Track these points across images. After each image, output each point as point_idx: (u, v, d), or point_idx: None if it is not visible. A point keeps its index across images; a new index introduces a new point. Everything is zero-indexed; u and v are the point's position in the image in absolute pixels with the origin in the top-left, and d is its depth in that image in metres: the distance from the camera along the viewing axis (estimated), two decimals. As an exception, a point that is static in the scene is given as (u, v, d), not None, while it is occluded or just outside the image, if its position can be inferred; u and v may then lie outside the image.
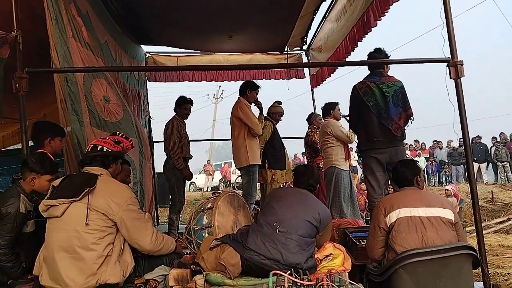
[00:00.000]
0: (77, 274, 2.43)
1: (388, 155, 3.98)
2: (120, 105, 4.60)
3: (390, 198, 2.90)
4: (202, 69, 7.96)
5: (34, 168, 2.89)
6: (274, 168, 5.41)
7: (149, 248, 2.70)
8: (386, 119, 3.99)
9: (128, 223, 2.57)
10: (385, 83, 4.06)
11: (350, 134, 5.25)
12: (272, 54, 7.72)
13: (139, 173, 4.89)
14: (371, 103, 4.02)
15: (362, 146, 4.22)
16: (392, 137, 4.01)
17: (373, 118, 4.02)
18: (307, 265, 2.68)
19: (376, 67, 4.17)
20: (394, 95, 4.02)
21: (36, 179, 2.90)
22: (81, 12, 4.14)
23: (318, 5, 5.73)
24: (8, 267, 2.73)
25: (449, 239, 2.67)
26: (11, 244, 2.76)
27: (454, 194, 8.76)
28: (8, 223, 2.74)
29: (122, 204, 2.55)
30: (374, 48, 4.20)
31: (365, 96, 4.05)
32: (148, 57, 7.53)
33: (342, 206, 5.26)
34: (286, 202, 2.98)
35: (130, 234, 2.60)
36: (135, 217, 2.62)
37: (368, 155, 4.13)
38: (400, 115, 4.03)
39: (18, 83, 3.16)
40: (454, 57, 3.41)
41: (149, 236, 2.67)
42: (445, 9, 3.43)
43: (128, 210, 2.57)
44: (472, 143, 13.91)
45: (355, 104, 4.22)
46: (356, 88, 4.15)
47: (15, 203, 2.79)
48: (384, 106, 4.00)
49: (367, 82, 4.11)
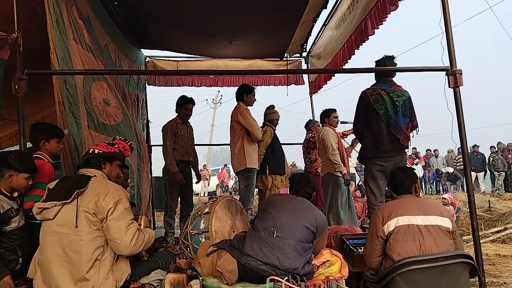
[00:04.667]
0: (68, 278, 2.41)
1: (393, 163, 3.95)
2: (120, 108, 4.60)
3: (388, 206, 2.88)
4: (201, 74, 7.97)
5: (13, 166, 2.89)
6: (274, 174, 5.37)
7: (126, 252, 2.54)
8: (395, 128, 3.98)
9: (111, 221, 2.47)
10: (395, 92, 4.05)
11: (334, 153, 5.23)
12: (272, 60, 7.75)
13: (136, 176, 4.87)
14: (382, 111, 3.98)
15: (368, 153, 4.15)
16: (399, 146, 4.02)
17: (382, 126, 3.99)
18: (304, 270, 2.66)
19: (386, 74, 4.15)
20: (403, 105, 4.02)
21: (14, 176, 2.90)
22: (82, 15, 4.15)
23: (319, 12, 5.77)
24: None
25: (447, 247, 2.66)
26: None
27: (451, 202, 8.75)
28: None
29: (110, 201, 2.49)
30: (385, 55, 4.17)
31: (375, 103, 4.00)
32: (148, 61, 7.54)
33: (339, 213, 5.26)
34: (283, 208, 2.97)
35: (109, 234, 2.49)
36: (119, 217, 2.50)
37: (372, 162, 4.09)
38: (407, 125, 4.05)
39: (17, 84, 3.16)
40: (453, 66, 3.43)
41: (128, 239, 2.50)
42: (445, 18, 3.45)
43: (115, 209, 2.49)
44: (470, 152, 13.97)
45: (363, 110, 4.14)
46: (367, 94, 4.08)
47: None
48: (394, 115, 3.98)
49: (378, 89, 4.06)
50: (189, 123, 5.45)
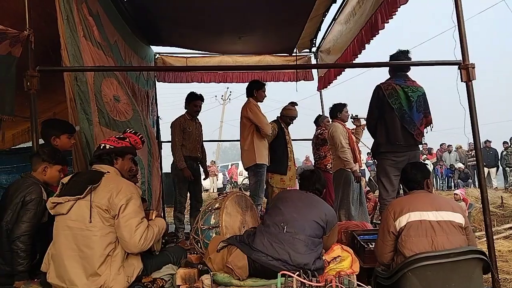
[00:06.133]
0: (81, 272, 2.44)
1: (407, 158, 3.92)
2: (130, 105, 4.62)
3: (400, 202, 2.86)
4: (210, 70, 7.98)
5: (46, 159, 2.99)
6: (272, 172, 5.33)
7: (135, 251, 2.56)
8: (409, 124, 3.95)
9: (121, 219, 2.49)
10: (410, 87, 4.02)
11: (343, 150, 5.20)
12: (281, 56, 7.72)
13: (147, 172, 4.90)
14: (396, 105, 3.95)
15: (381, 148, 4.11)
16: (413, 141, 4.00)
17: (396, 121, 3.97)
18: (315, 266, 2.66)
19: (401, 69, 4.11)
20: (418, 101, 3.99)
21: (48, 168, 3.00)
22: (92, 12, 4.17)
23: (328, 7, 5.72)
24: (21, 257, 2.71)
25: (460, 243, 2.63)
26: (31, 232, 2.77)
27: (463, 198, 8.67)
28: (32, 209, 2.79)
29: (123, 198, 2.51)
30: (400, 50, 4.13)
31: (390, 98, 3.97)
32: (157, 57, 7.56)
33: (350, 209, 5.23)
34: (292, 203, 2.97)
35: (119, 232, 2.51)
36: (130, 215, 2.52)
37: (385, 158, 4.07)
38: (421, 121, 4.03)
39: (29, 81, 3.18)
40: (466, 60, 3.39)
41: (137, 238, 2.50)
42: (457, 11, 3.40)
43: (127, 206, 2.51)
44: (482, 148, 13.76)
45: (377, 104, 4.11)
46: (381, 89, 4.05)
47: (37, 190, 2.86)
48: (408, 111, 3.96)
49: (393, 84, 4.03)
50: (197, 119, 5.46)
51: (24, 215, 2.77)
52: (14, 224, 2.77)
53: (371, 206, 7.73)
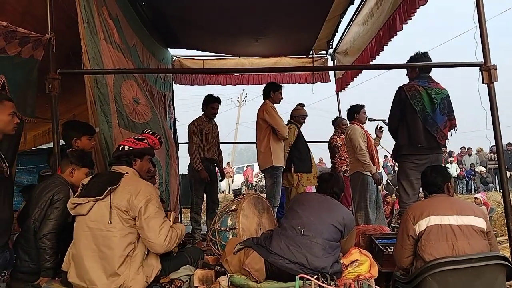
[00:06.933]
0: (101, 272, 2.47)
1: (429, 161, 3.84)
2: (149, 107, 4.67)
3: (420, 205, 2.81)
4: (227, 72, 8.01)
5: (74, 161, 3.05)
6: (300, 172, 5.36)
7: (160, 251, 2.59)
8: (431, 126, 3.88)
9: (144, 221, 2.51)
10: (434, 89, 3.94)
11: (362, 153, 5.16)
12: (298, 57, 7.70)
13: (165, 174, 4.95)
14: (419, 107, 3.89)
15: (403, 150, 4.02)
16: (435, 144, 3.92)
17: (419, 123, 3.90)
18: (333, 270, 2.63)
19: (424, 71, 4.06)
20: (441, 103, 3.92)
21: (76, 171, 3.06)
22: (112, 15, 4.24)
23: (346, 8, 5.68)
24: (48, 253, 2.76)
25: (481, 248, 2.57)
26: (58, 230, 2.82)
27: (484, 202, 8.47)
28: (59, 207, 2.85)
29: (142, 200, 2.53)
30: (418, 52, 4.07)
31: (412, 100, 3.90)
32: (174, 60, 7.63)
33: (368, 212, 5.17)
34: (309, 206, 2.95)
35: (143, 233, 2.53)
36: (152, 216, 2.55)
37: (407, 160, 3.99)
38: (445, 124, 3.95)
39: (50, 83, 3.24)
40: (487, 61, 3.31)
41: (162, 239, 2.54)
42: (478, 11, 3.33)
43: (147, 207, 2.54)
44: (504, 150, 13.48)
45: (399, 106, 4.03)
46: (404, 90, 3.98)
47: (65, 189, 2.92)
48: (431, 113, 3.89)
49: (415, 85, 3.96)
50: (214, 121, 5.50)
51: (52, 213, 2.84)
52: (42, 221, 2.83)
53: (388, 210, 7.64)
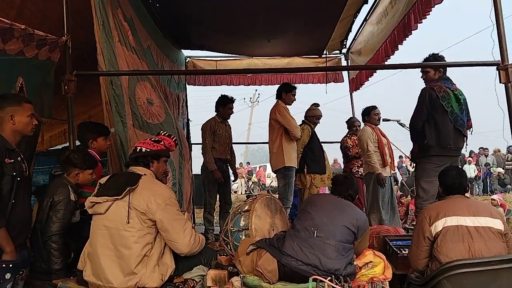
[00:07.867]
0: (117, 272, 2.50)
1: (449, 162, 3.82)
2: (163, 108, 4.71)
3: (436, 206, 2.78)
4: (240, 73, 8.02)
5: (78, 164, 3.08)
6: (313, 173, 5.34)
7: (186, 251, 2.66)
8: (462, 126, 3.92)
9: (166, 224, 2.57)
10: (458, 90, 3.98)
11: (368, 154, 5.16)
12: (311, 57, 7.67)
13: (178, 174, 4.97)
14: (449, 108, 3.89)
15: (430, 151, 3.98)
16: (462, 145, 3.97)
17: (449, 123, 3.90)
18: (346, 271, 2.61)
19: (445, 73, 4.07)
20: (464, 104, 3.97)
21: (80, 174, 3.10)
22: (126, 17, 4.28)
23: (359, 7, 5.64)
24: (55, 255, 2.80)
25: (499, 250, 2.52)
26: (62, 231, 2.87)
27: (501, 204, 8.33)
28: (60, 209, 2.89)
29: (161, 203, 2.57)
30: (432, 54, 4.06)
31: (443, 100, 3.89)
32: (188, 61, 7.68)
33: (381, 213, 5.12)
34: (322, 208, 2.93)
35: (168, 235, 2.60)
36: (174, 218, 2.61)
37: (430, 161, 3.97)
38: (466, 124, 4.01)
39: (67, 85, 3.30)
40: (505, 60, 3.25)
41: (187, 239, 2.63)
42: (495, 9, 3.27)
43: (167, 210, 2.58)
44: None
45: (427, 106, 3.98)
46: (434, 91, 3.94)
47: (64, 191, 2.96)
48: (459, 113, 3.92)
49: (443, 87, 3.96)
50: (227, 122, 5.51)
51: (54, 216, 2.88)
52: (45, 224, 2.88)
53: (403, 211, 7.55)
